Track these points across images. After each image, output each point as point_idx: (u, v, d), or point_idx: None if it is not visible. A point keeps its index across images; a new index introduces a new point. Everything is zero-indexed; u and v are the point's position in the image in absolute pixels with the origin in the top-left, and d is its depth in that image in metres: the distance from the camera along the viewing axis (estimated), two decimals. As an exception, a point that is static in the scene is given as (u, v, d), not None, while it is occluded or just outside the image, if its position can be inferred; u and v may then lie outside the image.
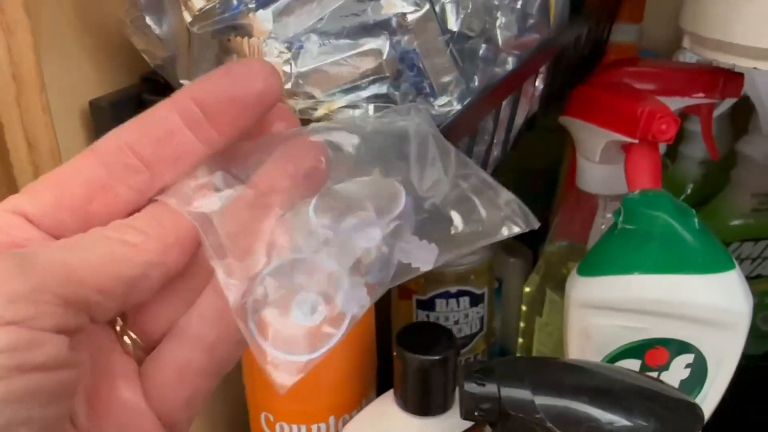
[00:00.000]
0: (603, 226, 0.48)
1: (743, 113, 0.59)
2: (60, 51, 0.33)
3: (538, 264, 0.54)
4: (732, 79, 0.48)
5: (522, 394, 0.31)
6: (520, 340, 0.56)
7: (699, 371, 0.38)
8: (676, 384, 0.38)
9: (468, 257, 0.53)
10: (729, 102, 0.56)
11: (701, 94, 0.49)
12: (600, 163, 0.46)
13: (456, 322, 0.54)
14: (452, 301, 0.54)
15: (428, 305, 0.54)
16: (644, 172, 0.41)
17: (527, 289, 0.54)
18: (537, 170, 0.69)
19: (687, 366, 0.37)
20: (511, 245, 0.61)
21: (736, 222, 0.60)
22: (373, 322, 0.43)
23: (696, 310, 0.36)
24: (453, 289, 0.53)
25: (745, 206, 0.59)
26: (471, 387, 0.32)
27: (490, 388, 0.31)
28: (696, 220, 0.36)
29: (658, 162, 0.42)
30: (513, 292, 0.60)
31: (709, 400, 0.39)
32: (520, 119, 0.42)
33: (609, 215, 0.48)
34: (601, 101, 0.46)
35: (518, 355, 0.56)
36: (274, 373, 0.18)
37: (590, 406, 0.31)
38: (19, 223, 0.19)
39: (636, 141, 0.41)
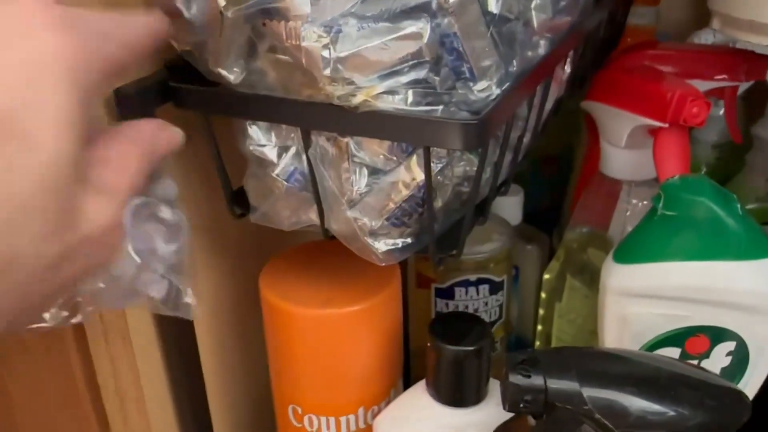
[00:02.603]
0: (628, 213, 0.47)
1: (758, 96, 0.58)
2: (86, 36, 0.32)
3: (558, 251, 0.53)
4: (756, 60, 0.48)
5: (569, 385, 0.30)
6: (540, 327, 0.56)
7: (740, 359, 0.37)
8: (717, 372, 0.38)
9: (487, 245, 0.52)
10: (744, 85, 0.55)
11: (724, 77, 0.48)
12: (625, 148, 0.45)
13: (475, 311, 0.54)
14: (472, 289, 0.53)
15: (447, 294, 0.53)
16: (674, 157, 0.41)
17: (547, 276, 0.54)
18: (550, 155, 0.68)
19: (728, 354, 0.37)
20: (528, 232, 0.60)
21: (751, 206, 0.59)
22: (401, 312, 0.43)
23: (739, 296, 0.35)
24: (473, 277, 0.52)
25: (760, 190, 0.59)
26: (516, 378, 0.31)
27: (536, 380, 0.31)
28: (738, 205, 0.36)
29: (688, 147, 0.41)
30: (530, 279, 0.60)
31: (750, 387, 0.38)
32: (549, 104, 0.41)
33: (634, 201, 0.47)
34: (627, 85, 0.45)
35: (537, 342, 0.56)
36: None
37: (637, 396, 0.30)
38: None
39: (666, 125, 0.41)
